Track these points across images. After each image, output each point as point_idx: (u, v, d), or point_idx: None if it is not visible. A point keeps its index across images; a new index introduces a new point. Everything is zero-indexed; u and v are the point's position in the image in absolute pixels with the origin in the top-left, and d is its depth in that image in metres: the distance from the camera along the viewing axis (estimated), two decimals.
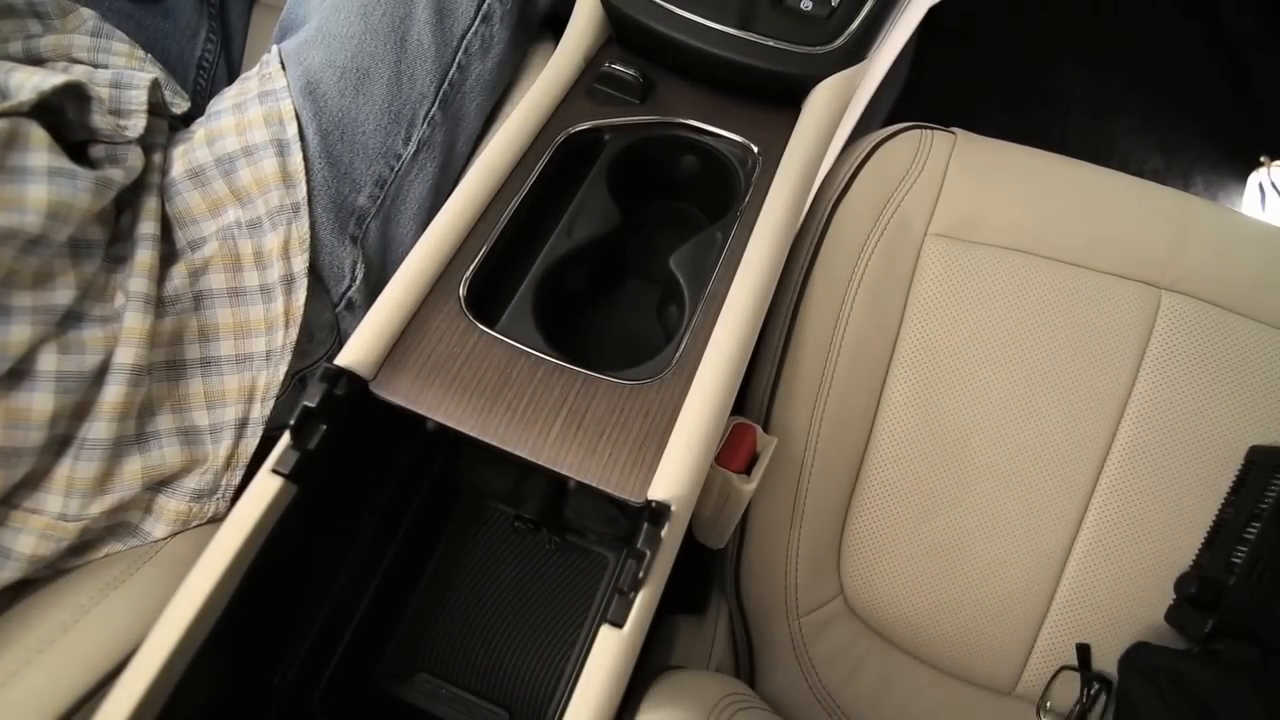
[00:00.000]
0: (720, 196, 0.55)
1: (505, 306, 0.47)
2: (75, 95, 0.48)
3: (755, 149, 0.54)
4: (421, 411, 0.42)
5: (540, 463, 0.41)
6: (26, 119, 0.45)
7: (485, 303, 0.47)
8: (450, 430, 0.42)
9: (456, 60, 0.58)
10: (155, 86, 0.51)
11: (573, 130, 0.54)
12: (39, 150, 0.45)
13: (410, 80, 0.56)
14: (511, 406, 0.42)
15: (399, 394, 0.42)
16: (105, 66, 0.54)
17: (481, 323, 0.45)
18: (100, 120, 0.49)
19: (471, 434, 0.42)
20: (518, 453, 0.41)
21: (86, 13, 0.55)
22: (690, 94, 0.57)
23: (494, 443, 0.41)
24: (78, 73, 0.50)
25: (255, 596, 0.40)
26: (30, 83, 0.47)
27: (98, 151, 0.49)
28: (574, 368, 0.44)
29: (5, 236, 0.43)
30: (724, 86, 0.57)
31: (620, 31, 0.60)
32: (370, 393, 0.42)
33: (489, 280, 0.48)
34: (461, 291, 0.46)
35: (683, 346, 0.45)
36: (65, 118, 0.48)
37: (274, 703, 0.47)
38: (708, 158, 0.56)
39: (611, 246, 0.52)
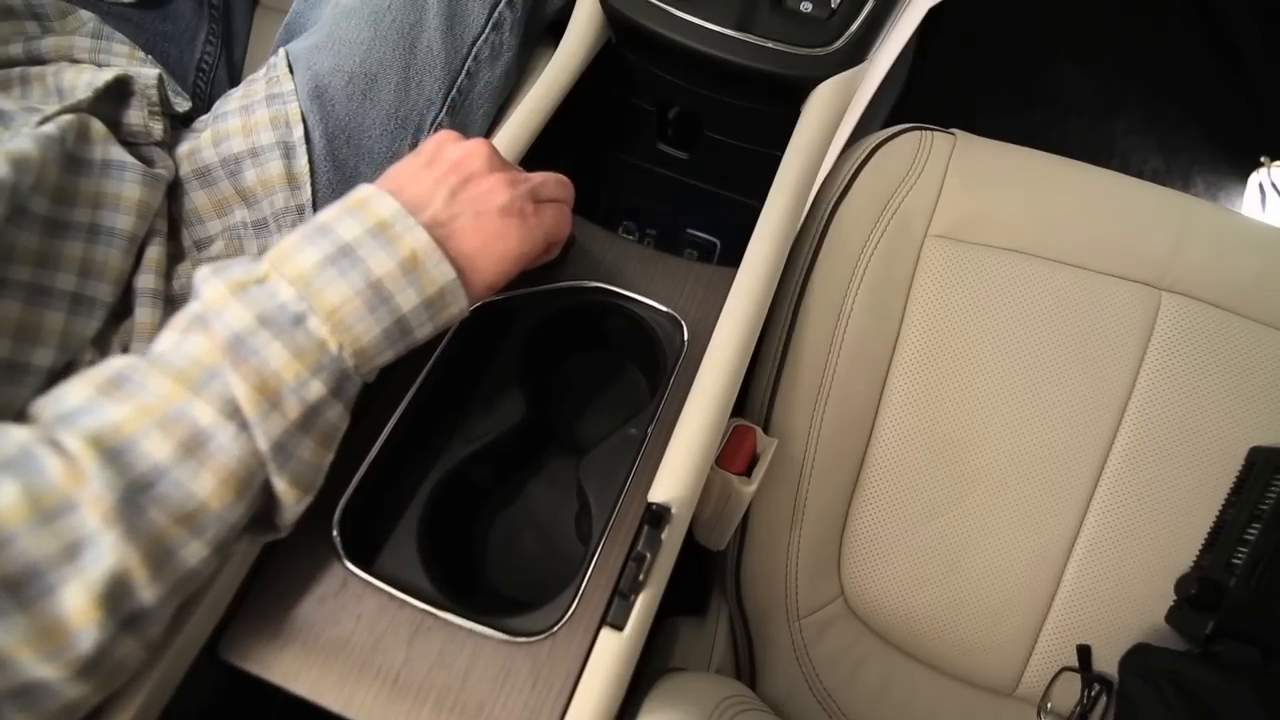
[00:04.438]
0: (650, 358, 0.49)
1: (388, 534, 0.41)
2: (119, 92, 0.49)
3: (684, 326, 0.47)
4: (276, 681, 0.37)
5: None
6: (88, 115, 0.46)
7: (364, 531, 0.41)
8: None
9: (465, 67, 0.58)
10: (161, 82, 0.52)
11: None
12: (113, 144, 0.47)
13: (419, 86, 0.56)
14: (382, 673, 0.37)
15: (251, 658, 0.37)
16: (107, 67, 0.54)
17: (359, 557, 0.40)
18: (136, 117, 0.50)
19: (334, 709, 0.37)
20: None
21: (86, 15, 0.56)
22: (613, 251, 0.50)
23: None
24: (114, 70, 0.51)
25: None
26: (83, 80, 0.48)
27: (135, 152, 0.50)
28: (455, 620, 0.38)
29: (105, 233, 0.45)
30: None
31: (620, 33, 0.60)
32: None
33: (369, 504, 0.42)
34: (336, 519, 0.40)
35: (581, 592, 0.39)
36: (106, 117, 0.49)
37: (273, 706, 0.46)
38: (632, 323, 0.49)
39: (520, 437, 0.46)
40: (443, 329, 0.37)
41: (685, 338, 0.47)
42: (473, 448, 0.43)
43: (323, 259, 0.33)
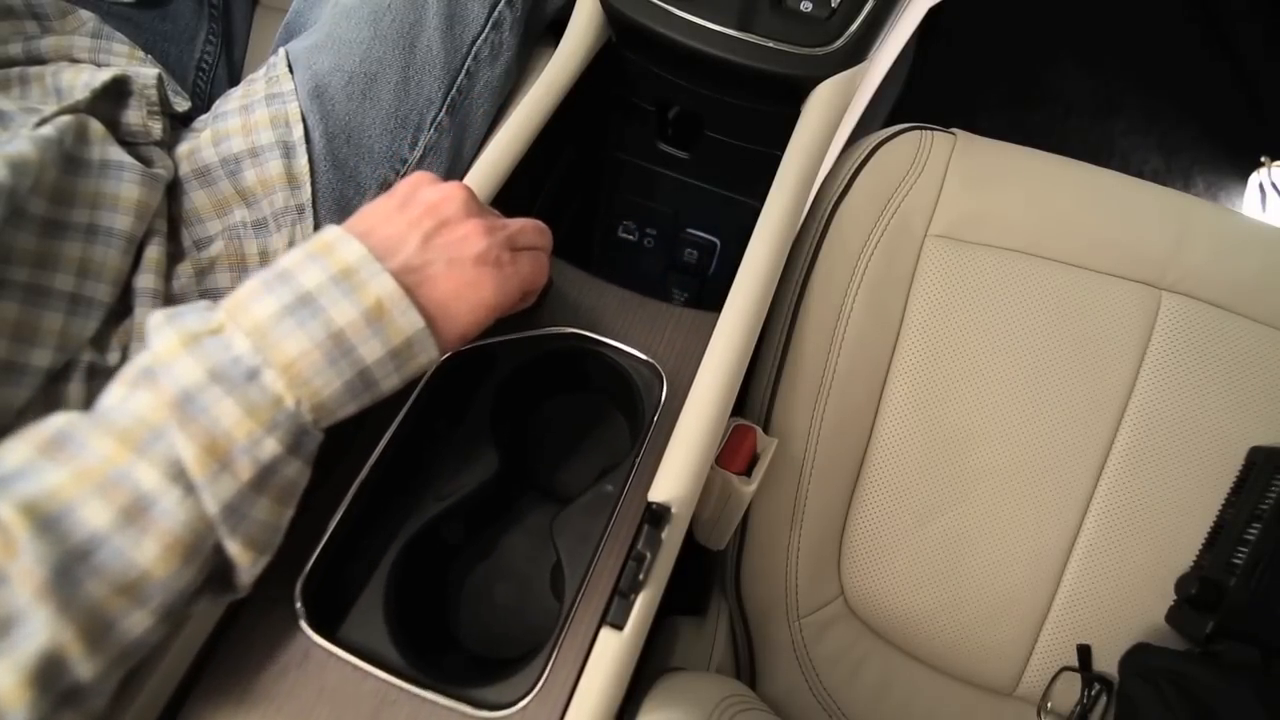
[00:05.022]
0: (630, 402, 0.48)
1: (354, 598, 0.39)
2: (117, 92, 0.49)
3: (664, 376, 0.46)
4: None
5: None
6: (86, 115, 0.46)
7: (329, 597, 0.39)
8: None
9: (465, 67, 0.58)
10: (160, 81, 0.52)
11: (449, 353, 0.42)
12: (112, 145, 0.46)
13: (418, 86, 0.56)
14: None
15: None
16: (107, 67, 0.54)
17: (323, 625, 0.38)
18: (134, 117, 0.50)
19: None
20: None
21: (85, 14, 0.56)
22: (592, 295, 0.49)
23: None
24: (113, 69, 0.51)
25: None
26: (81, 80, 0.48)
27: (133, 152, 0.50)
28: (421, 693, 0.36)
29: (104, 233, 0.45)
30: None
31: (620, 33, 0.60)
32: None
33: (334, 568, 0.40)
34: (299, 587, 0.38)
35: (552, 662, 0.37)
36: (104, 116, 0.49)
37: None
38: (611, 370, 0.48)
39: (494, 490, 0.44)
40: (411, 379, 0.35)
41: (664, 390, 0.45)
42: (444, 504, 0.41)
43: (281, 309, 0.31)
